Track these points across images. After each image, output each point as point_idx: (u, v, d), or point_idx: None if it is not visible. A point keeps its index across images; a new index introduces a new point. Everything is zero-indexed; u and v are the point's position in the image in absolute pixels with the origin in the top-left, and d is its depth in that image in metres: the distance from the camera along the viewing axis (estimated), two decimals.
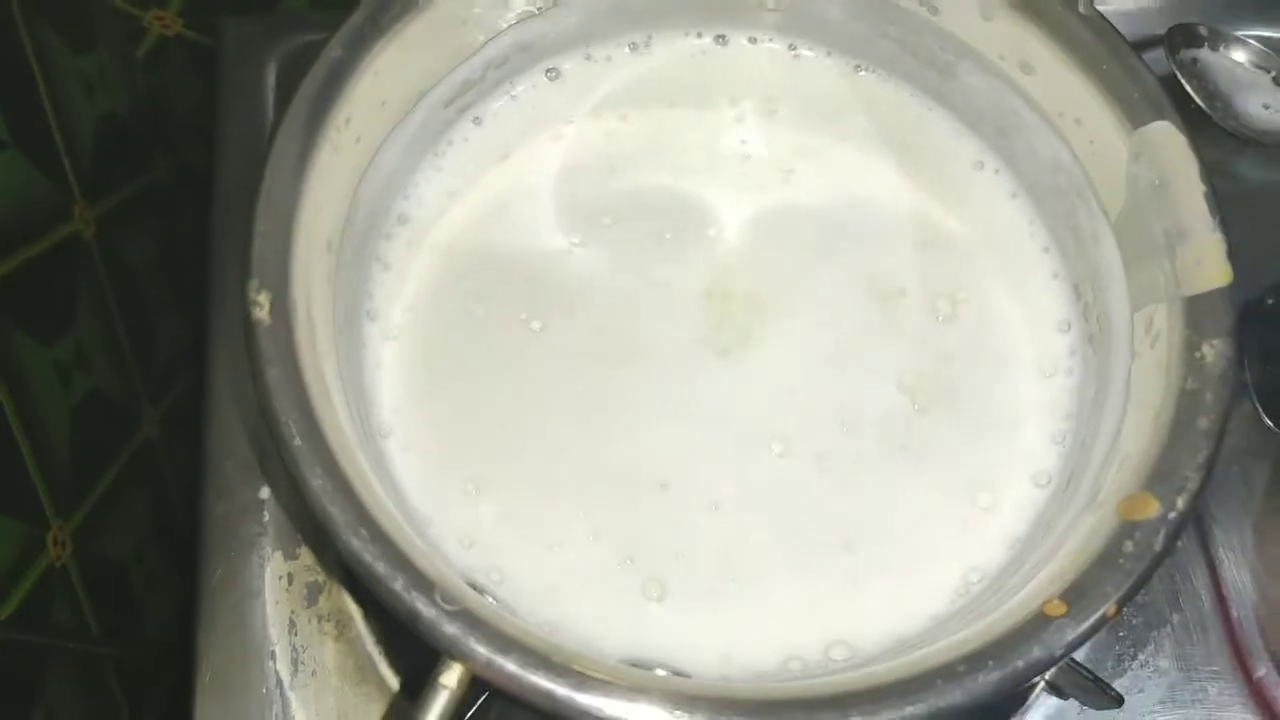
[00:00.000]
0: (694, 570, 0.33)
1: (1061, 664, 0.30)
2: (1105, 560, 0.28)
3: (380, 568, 0.27)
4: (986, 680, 0.27)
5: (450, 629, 0.26)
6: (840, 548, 0.34)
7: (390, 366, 0.36)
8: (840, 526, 0.34)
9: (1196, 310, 0.31)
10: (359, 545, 0.27)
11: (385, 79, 0.33)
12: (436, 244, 0.37)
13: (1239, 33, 0.49)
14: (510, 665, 0.26)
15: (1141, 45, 0.35)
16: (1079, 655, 0.34)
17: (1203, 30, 0.49)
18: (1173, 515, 0.28)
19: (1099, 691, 0.33)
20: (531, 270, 0.37)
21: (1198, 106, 0.47)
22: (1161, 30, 0.48)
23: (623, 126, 0.39)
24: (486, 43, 0.36)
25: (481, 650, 0.26)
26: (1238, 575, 0.40)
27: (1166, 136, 0.33)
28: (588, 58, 0.40)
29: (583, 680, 0.26)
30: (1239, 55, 0.49)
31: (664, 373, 0.36)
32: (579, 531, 0.34)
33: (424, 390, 0.35)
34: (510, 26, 0.36)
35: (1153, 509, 0.29)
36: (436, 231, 0.38)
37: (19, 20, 0.39)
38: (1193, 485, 0.29)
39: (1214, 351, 0.30)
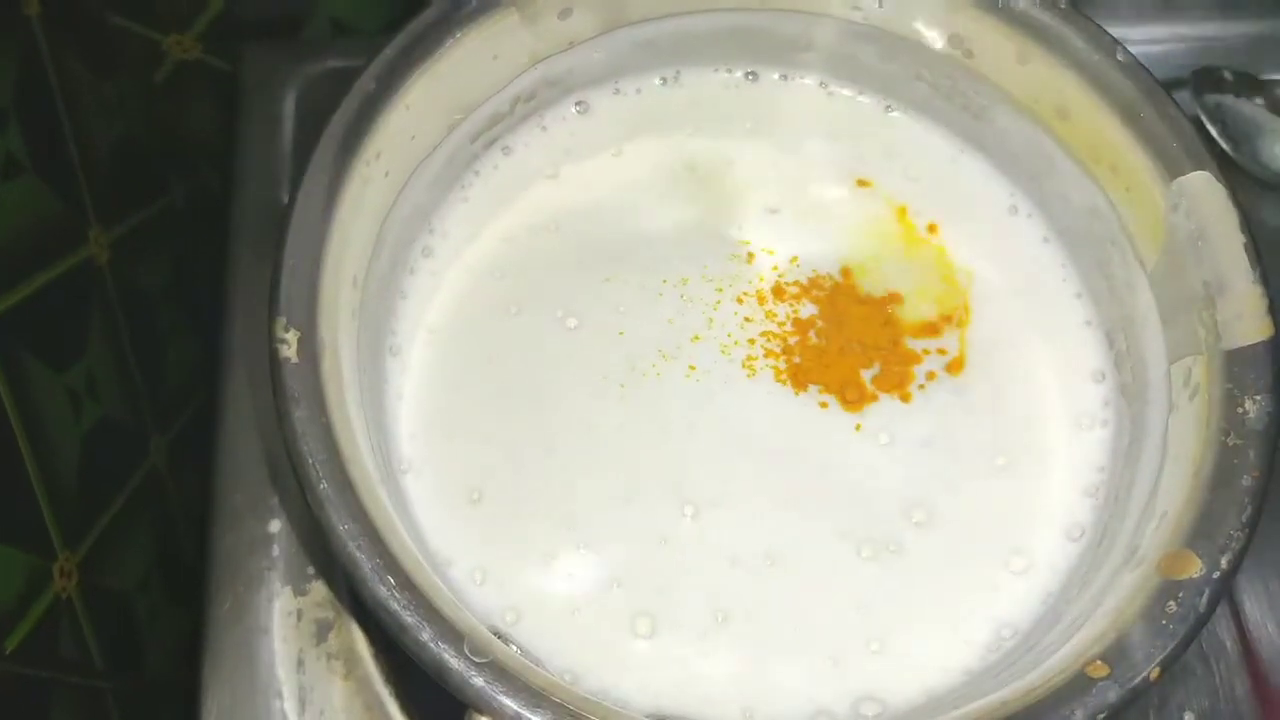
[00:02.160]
0: (709, 621, 0.33)
1: None
2: (1148, 620, 0.28)
3: (407, 617, 0.26)
4: None
5: (478, 681, 0.26)
6: (860, 604, 0.33)
7: (410, 398, 0.35)
8: (863, 582, 0.33)
9: (1237, 364, 0.30)
10: (385, 593, 0.26)
11: (416, 113, 0.33)
12: (459, 274, 0.37)
13: (1264, 77, 0.49)
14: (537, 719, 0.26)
15: (1166, 88, 0.35)
16: None
17: (1227, 75, 0.49)
18: (1216, 575, 0.28)
19: None
20: (534, 315, 0.37)
21: (1222, 151, 0.47)
22: (1186, 74, 0.48)
23: (650, 159, 0.39)
24: (516, 77, 0.36)
25: (510, 704, 0.26)
26: (1264, 624, 0.39)
27: (1206, 187, 0.32)
28: (617, 91, 0.40)
29: None
30: (1263, 100, 0.49)
31: (684, 416, 0.35)
32: (591, 571, 0.33)
33: (441, 421, 0.35)
34: (540, 62, 0.36)
35: (1195, 568, 0.28)
36: (460, 262, 0.37)
37: (43, 45, 0.38)
38: (1236, 544, 0.28)
39: (1257, 407, 0.30)
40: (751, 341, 0.37)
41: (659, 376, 0.36)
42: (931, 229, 0.39)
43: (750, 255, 0.38)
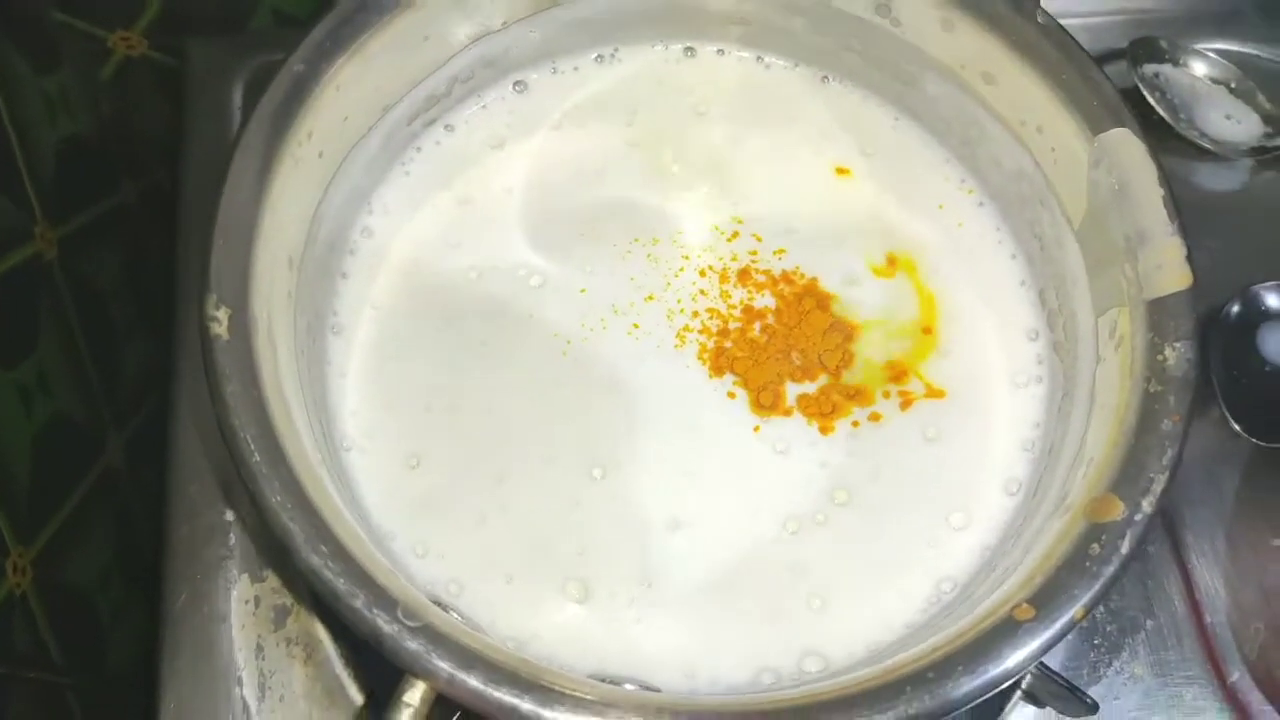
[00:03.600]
0: (636, 584, 0.33)
1: (1037, 672, 0.29)
2: (1072, 563, 0.28)
3: (340, 585, 0.26)
4: (956, 686, 0.26)
5: (412, 645, 0.26)
6: (793, 567, 0.33)
7: (353, 375, 0.35)
8: (790, 548, 0.34)
9: (1158, 313, 0.31)
10: (318, 562, 0.27)
11: (347, 94, 0.33)
12: (401, 253, 0.37)
13: (1198, 46, 0.50)
14: (473, 681, 0.26)
15: (1104, 59, 0.35)
16: (1054, 662, 0.34)
17: (1163, 44, 0.49)
18: (1138, 517, 0.29)
19: (1075, 699, 0.33)
20: (497, 277, 0.37)
21: (1160, 118, 0.47)
22: (1123, 44, 0.49)
23: (590, 136, 0.39)
24: (450, 58, 0.36)
25: (444, 666, 0.26)
26: (1210, 581, 0.40)
27: (1125, 142, 0.33)
28: (554, 70, 0.40)
29: (549, 695, 0.26)
30: (1199, 68, 0.49)
31: (630, 390, 0.36)
32: (516, 533, 0.33)
33: (383, 393, 0.35)
34: (474, 42, 0.37)
35: (1118, 511, 0.29)
36: (402, 240, 0.37)
37: None
38: (1158, 486, 0.29)
39: (1176, 354, 0.30)
40: (695, 314, 0.37)
41: (605, 331, 0.36)
42: (853, 177, 0.39)
43: (735, 234, 0.38)
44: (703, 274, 0.38)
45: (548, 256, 0.38)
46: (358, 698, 0.37)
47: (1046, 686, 0.32)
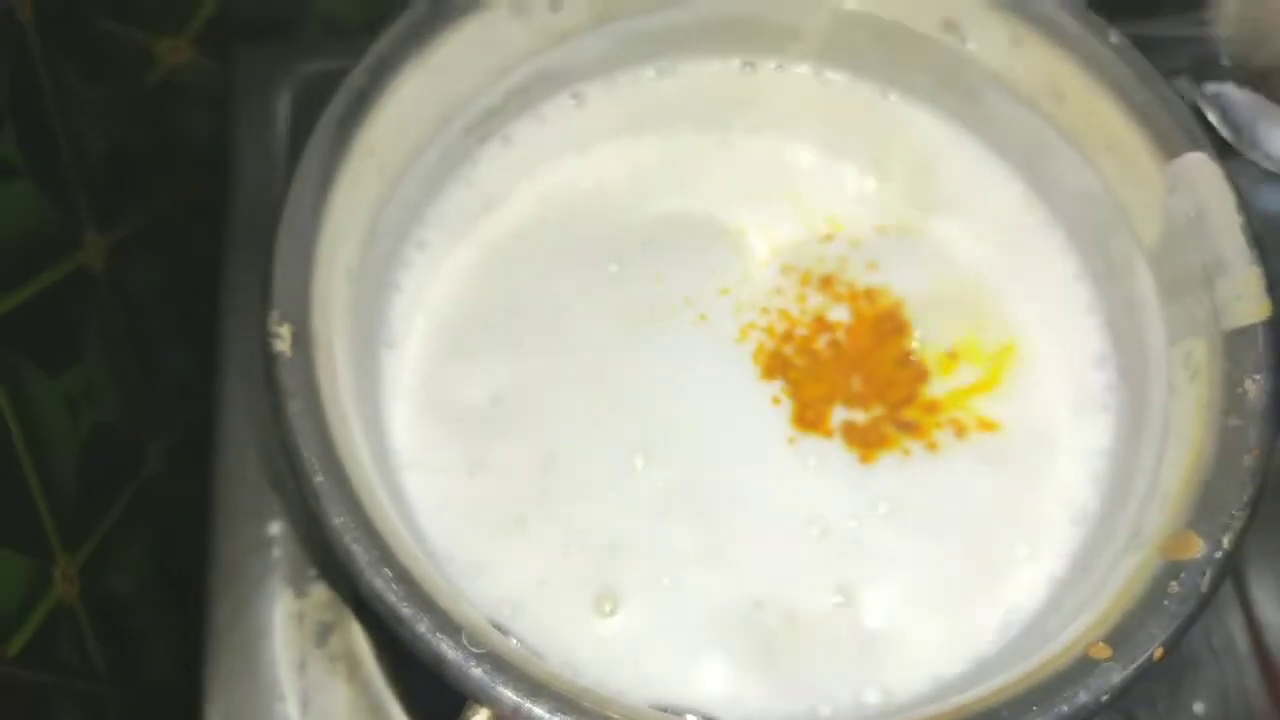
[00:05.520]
0: (684, 588, 0.32)
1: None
2: (1150, 602, 0.27)
3: (405, 610, 0.26)
4: None
5: (477, 672, 0.26)
6: (844, 589, 0.33)
7: (406, 389, 0.35)
8: (839, 567, 0.33)
9: (1237, 345, 0.30)
10: (382, 585, 0.26)
11: (409, 107, 0.33)
12: (460, 259, 0.37)
13: (1261, 64, 0.49)
14: (539, 710, 0.25)
15: (1163, 73, 0.34)
16: None
17: (1225, 63, 0.48)
18: (1218, 554, 0.28)
19: None
20: (553, 295, 0.37)
21: (1222, 139, 0.46)
22: (1184, 61, 0.48)
23: (649, 150, 0.39)
24: (509, 70, 0.36)
25: (509, 695, 0.25)
26: (1274, 614, 0.39)
27: (1202, 168, 0.32)
28: (612, 83, 0.39)
29: None
30: (1262, 87, 0.48)
31: (680, 380, 0.35)
32: (571, 536, 0.33)
33: (438, 410, 0.35)
34: (534, 54, 0.36)
35: (1197, 548, 0.28)
36: (460, 249, 0.37)
37: (35, 49, 0.38)
38: (1238, 523, 0.28)
39: (1257, 387, 0.30)
40: (765, 310, 0.37)
41: (673, 318, 0.36)
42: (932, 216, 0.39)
43: (829, 236, 0.38)
44: (785, 270, 0.37)
45: (623, 254, 0.37)
46: (400, 717, 0.37)
47: None
